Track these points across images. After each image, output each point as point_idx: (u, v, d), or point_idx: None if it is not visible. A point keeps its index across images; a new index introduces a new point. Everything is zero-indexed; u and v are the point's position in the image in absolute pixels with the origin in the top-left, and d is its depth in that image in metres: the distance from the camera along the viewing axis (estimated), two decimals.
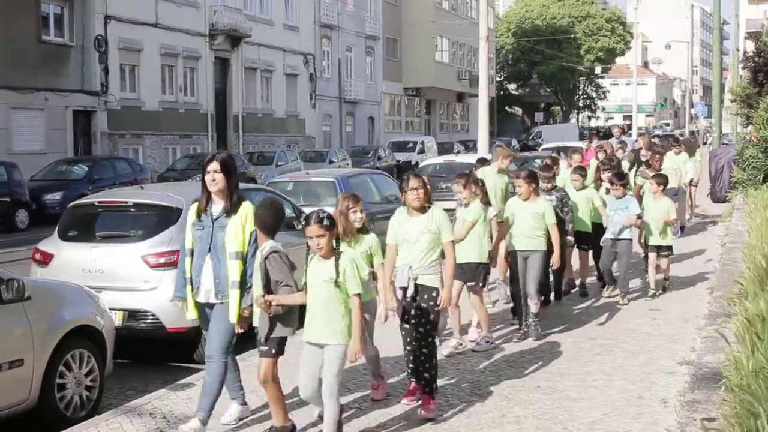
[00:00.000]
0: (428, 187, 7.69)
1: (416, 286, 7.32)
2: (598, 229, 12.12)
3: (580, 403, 7.47)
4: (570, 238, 11.23)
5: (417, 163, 37.36)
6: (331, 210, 14.32)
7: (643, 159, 17.31)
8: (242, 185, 13.80)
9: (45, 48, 31.13)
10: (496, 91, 76.45)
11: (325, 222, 6.10)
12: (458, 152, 41.16)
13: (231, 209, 6.83)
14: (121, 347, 8.43)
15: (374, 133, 58.03)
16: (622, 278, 11.75)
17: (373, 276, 7.40)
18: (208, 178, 6.86)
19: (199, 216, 6.98)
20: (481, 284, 9.25)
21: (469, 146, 49.37)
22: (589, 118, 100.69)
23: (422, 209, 7.39)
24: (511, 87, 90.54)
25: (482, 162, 13.45)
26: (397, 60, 61.45)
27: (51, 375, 7.17)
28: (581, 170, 12.55)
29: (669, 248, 12.27)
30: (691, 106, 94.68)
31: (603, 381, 8.12)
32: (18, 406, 6.91)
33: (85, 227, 10.15)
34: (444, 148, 47.43)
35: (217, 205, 6.91)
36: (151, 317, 9.14)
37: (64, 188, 25.34)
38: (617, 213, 11.59)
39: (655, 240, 12.15)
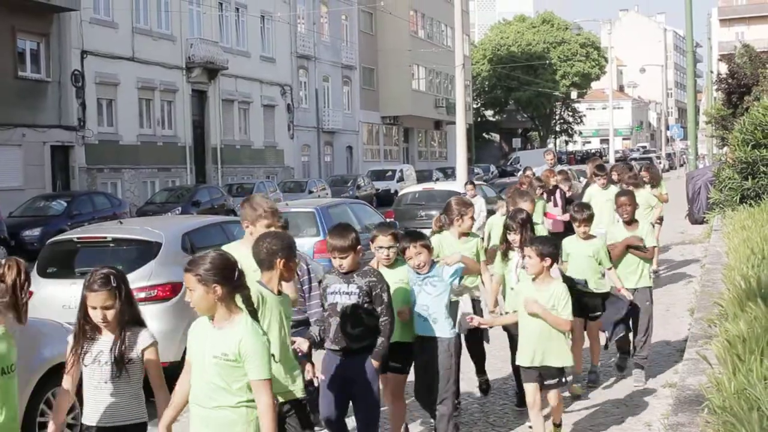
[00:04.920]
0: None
1: None
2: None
3: (565, 429, 7.46)
4: (374, 362, 6.19)
5: (396, 192, 37.44)
6: (313, 240, 14.30)
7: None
8: (224, 218, 13.84)
9: (22, 84, 31.07)
10: (474, 117, 76.81)
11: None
12: (437, 180, 41.25)
13: None
14: None
15: (353, 162, 58.12)
16: (443, 417, 6.74)
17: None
18: None
19: None
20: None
21: (448, 173, 49.53)
22: (567, 142, 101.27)
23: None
24: (488, 113, 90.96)
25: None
26: (374, 89, 61.66)
27: (32, 414, 7.10)
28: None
29: (560, 372, 6.85)
30: (667, 128, 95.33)
31: (587, 405, 8.13)
32: None
33: (64, 264, 10.10)
34: (423, 176, 47.55)
35: None
36: None
37: (43, 224, 25.19)
38: (438, 300, 6.76)
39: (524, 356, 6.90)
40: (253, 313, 4.67)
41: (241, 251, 6.02)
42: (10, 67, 30.63)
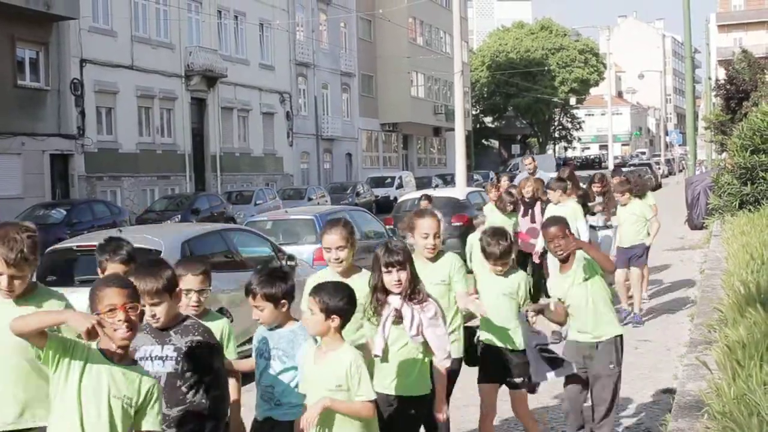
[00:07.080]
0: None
1: None
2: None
3: None
4: None
5: (395, 198, 37.47)
6: (312, 248, 14.31)
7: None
8: (223, 225, 13.83)
9: (21, 92, 31.07)
10: (473, 124, 76.85)
11: None
12: (436, 186, 41.28)
13: None
14: None
15: (352, 169, 58.14)
16: None
17: None
18: None
19: None
20: None
21: (448, 180, 49.55)
22: (566, 148, 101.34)
23: None
24: (488, 120, 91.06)
25: None
26: (373, 96, 61.70)
27: None
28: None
29: None
30: (666, 134, 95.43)
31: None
32: None
33: (63, 272, 10.08)
34: (422, 183, 47.57)
35: None
36: None
37: (42, 233, 25.09)
38: (287, 376, 5.08)
39: None
40: None
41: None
42: (10, 76, 30.62)
